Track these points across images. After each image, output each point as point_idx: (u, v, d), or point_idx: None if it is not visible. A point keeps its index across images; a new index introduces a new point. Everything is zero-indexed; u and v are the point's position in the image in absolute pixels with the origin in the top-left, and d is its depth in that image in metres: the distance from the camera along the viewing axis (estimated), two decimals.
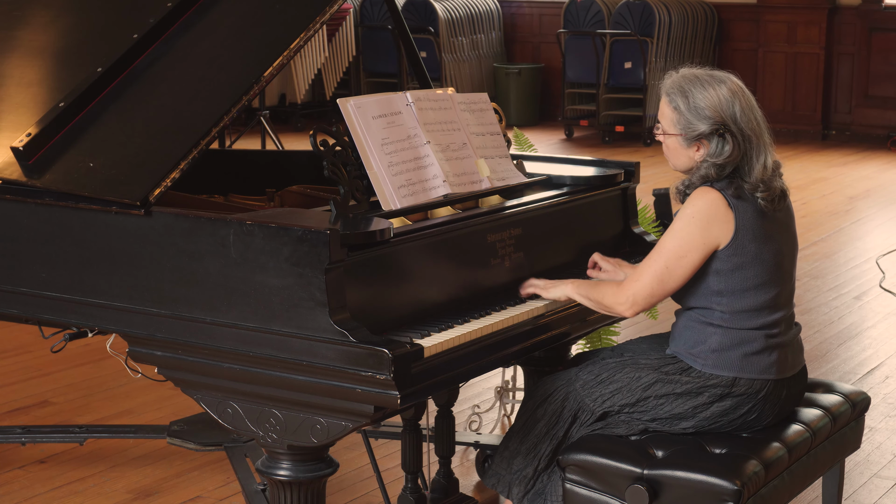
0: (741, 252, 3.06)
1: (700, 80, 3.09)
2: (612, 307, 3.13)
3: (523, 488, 3.17)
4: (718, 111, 3.05)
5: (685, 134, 3.09)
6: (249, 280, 2.81)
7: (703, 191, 3.07)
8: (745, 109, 3.07)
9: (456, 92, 3.43)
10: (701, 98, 3.06)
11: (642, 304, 3.10)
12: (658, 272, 3.06)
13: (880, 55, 11.58)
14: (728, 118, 3.06)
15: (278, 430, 2.87)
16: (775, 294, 3.11)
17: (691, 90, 3.08)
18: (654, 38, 11.52)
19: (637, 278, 3.10)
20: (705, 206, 3.05)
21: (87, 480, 4.22)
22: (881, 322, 6.13)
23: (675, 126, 3.11)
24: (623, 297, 3.10)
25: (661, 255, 3.07)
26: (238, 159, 4.17)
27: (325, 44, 11.49)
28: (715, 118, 3.05)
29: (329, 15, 3.17)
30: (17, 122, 3.28)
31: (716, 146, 3.06)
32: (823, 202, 9.06)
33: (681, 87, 3.09)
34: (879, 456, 4.46)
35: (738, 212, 3.05)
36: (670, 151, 3.16)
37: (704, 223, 3.04)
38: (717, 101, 3.06)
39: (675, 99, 3.10)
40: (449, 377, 2.88)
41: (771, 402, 3.13)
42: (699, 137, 3.08)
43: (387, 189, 3.08)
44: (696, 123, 3.07)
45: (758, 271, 3.07)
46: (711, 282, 3.08)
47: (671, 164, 3.20)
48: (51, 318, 3.19)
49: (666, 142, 3.15)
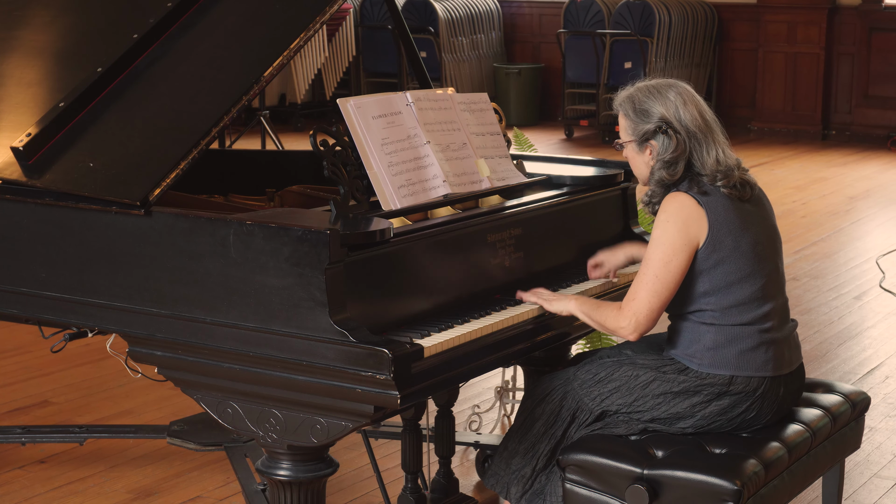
0: (719, 247, 3.08)
1: (647, 87, 3.21)
2: (616, 331, 3.15)
3: (521, 488, 3.18)
4: (662, 111, 3.15)
5: (636, 137, 3.19)
6: (249, 280, 2.81)
7: (671, 196, 3.13)
8: (688, 108, 3.16)
9: (456, 92, 3.43)
10: (645, 101, 3.17)
11: (645, 324, 3.11)
12: (650, 284, 3.08)
13: (880, 55, 11.58)
14: (671, 116, 3.15)
15: (278, 430, 2.87)
16: (761, 285, 3.13)
17: (637, 96, 3.20)
18: (654, 38, 11.52)
19: (633, 297, 3.11)
20: (677, 209, 3.09)
21: (87, 480, 4.22)
22: (881, 322, 6.13)
23: (627, 133, 3.22)
24: (625, 320, 3.11)
25: (648, 267, 3.09)
26: (238, 159, 4.17)
27: (325, 44, 11.50)
28: (657, 116, 3.15)
29: (329, 15, 3.17)
30: (17, 122, 3.28)
31: (661, 144, 3.15)
32: (823, 202, 9.06)
33: (630, 96, 3.22)
34: (879, 456, 4.46)
35: (709, 208, 3.09)
36: (631, 163, 3.27)
37: (681, 224, 3.08)
38: (661, 102, 3.16)
39: (624, 106, 3.22)
40: (449, 377, 2.88)
41: (769, 400, 3.13)
42: (646, 138, 3.17)
43: (387, 189, 3.08)
44: (641, 125, 3.17)
45: (739, 264, 3.10)
46: (697, 284, 3.11)
47: (638, 179, 3.30)
48: (51, 318, 3.19)
49: (625, 153, 3.26)
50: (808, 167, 10.43)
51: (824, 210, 8.79)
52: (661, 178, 3.16)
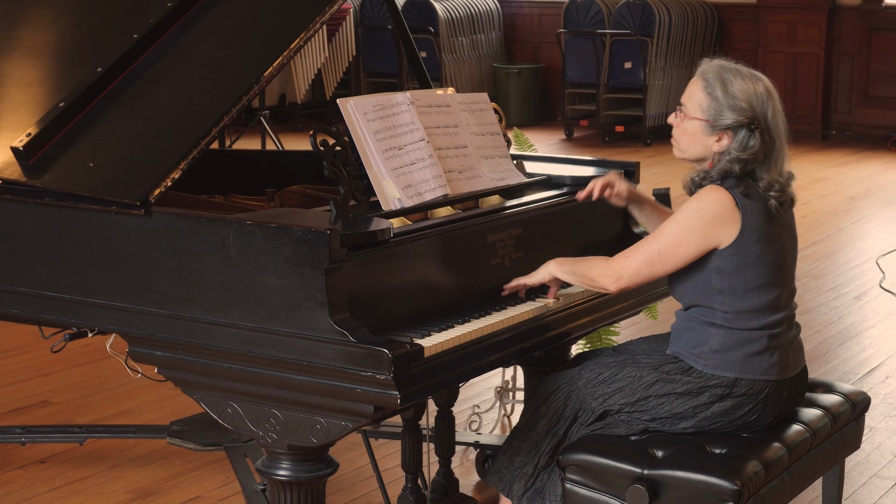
0: (745, 252, 3.05)
1: (740, 72, 3.07)
2: (597, 279, 3.12)
3: (523, 485, 3.17)
4: (753, 105, 3.04)
5: (713, 121, 3.06)
6: (249, 280, 2.81)
7: (712, 188, 3.05)
8: (775, 111, 3.08)
9: (456, 92, 3.43)
10: (739, 88, 3.04)
11: (626, 282, 3.09)
12: (650, 254, 3.06)
13: (880, 55, 11.58)
14: (760, 115, 3.04)
15: (278, 430, 2.87)
16: (777, 295, 3.11)
17: (731, 79, 3.05)
18: (654, 38, 11.52)
19: (627, 255, 3.09)
20: (712, 205, 3.04)
21: (87, 480, 4.22)
22: (881, 322, 6.13)
23: (703, 111, 3.07)
24: (610, 270, 3.09)
25: (657, 239, 3.06)
26: (238, 159, 4.17)
27: (325, 44, 11.50)
28: (748, 111, 3.04)
29: (329, 15, 3.17)
30: (17, 122, 3.28)
31: (742, 139, 3.04)
32: (823, 202, 9.06)
33: (720, 74, 3.07)
34: (879, 456, 4.46)
35: (746, 212, 3.04)
36: (687, 136, 3.11)
37: (708, 221, 3.03)
38: (753, 95, 3.04)
39: (711, 84, 3.06)
40: (449, 377, 2.88)
41: (772, 403, 3.12)
42: (725, 127, 3.05)
43: (387, 189, 3.08)
44: (727, 112, 3.04)
45: (760, 272, 3.07)
46: (714, 280, 3.08)
47: (679, 150, 3.14)
48: (51, 318, 3.19)
49: (685, 125, 3.11)
50: (808, 167, 10.43)
51: (824, 210, 8.79)
52: (728, 170, 3.05)
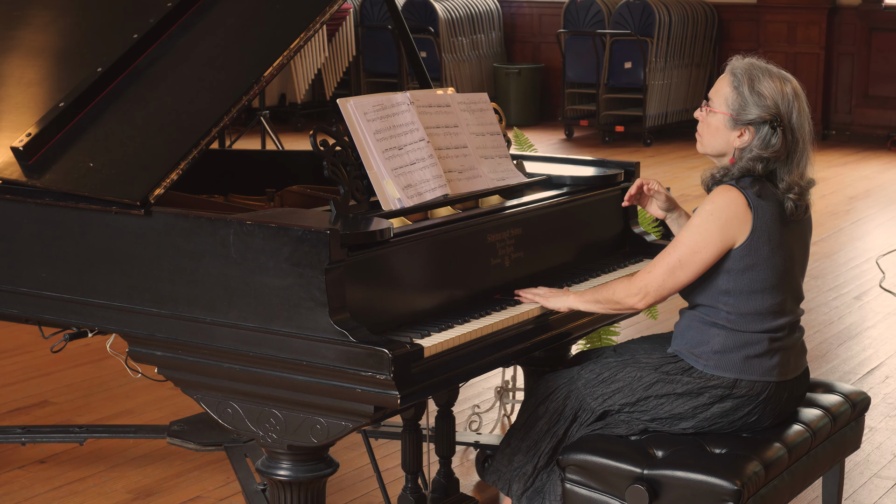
0: (754, 253, 3.05)
1: (770, 71, 3.09)
2: (623, 300, 3.12)
3: (522, 485, 3.17)
4: (778, 103, 3.05)
5: (736, 115, 3.07)
6: (249, 280, 2.81)
7: (724, 189, 3.06)
8: (801, 113, 3.08)
9: (456, 92, 3.43)
10: (766, 86, 3.06)
11: (654, 296, 3.10)
12: (671, 265, 3.06)
13: (880, 55, 11.58)
14: (784, 114, 3.05)
15: (278, 430, 2.86)
16: (782, 300, 3.11)
17: (759, 76, 3.07)
18: (654, 38, 11.52)
19: (649, 270, 3.10)
20: (724, 205, 3.04)
21: (87, 480, 4.22)
22: (881, 322, 6.13)
23: (727, 105, 3.08)
24: (635, 288, 3.10)
25: (676, 248, 3.07)
26: (238, 159, 4.17)
27: (325, 44, 11.50)
28: (772, 108, 3.04)
29: (329, 15, 3.17)
30: (17, 122, 3.28)
31: (764, 136, 3.05)
32: (823, 202, 9.05)
33: (749, 72, 3.08)
34: (879, 456, 4.46)
35: (758, 213, 3.04)
36: (710, 130, 3.13)
37: (723, 221, 3.04)
38: (779, 94, 3.05)
39: (739, 79, 3.08)
40: (449, 377, 2.88)
41: (772, 405, 3.12)
42: (748, 123, 3.06)
43: (387, 189, 3.08)
44: (751, 108, 3.05)
45: (767, 274, 3.07)
46: (721, 280, 3.08)
47: (702, 145, 3.17)
48: (51, 318, 3.19)
49: (709, 119, 3.12)
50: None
51: (824, 210, 8.79)
52: (750, 169, 3.06)
